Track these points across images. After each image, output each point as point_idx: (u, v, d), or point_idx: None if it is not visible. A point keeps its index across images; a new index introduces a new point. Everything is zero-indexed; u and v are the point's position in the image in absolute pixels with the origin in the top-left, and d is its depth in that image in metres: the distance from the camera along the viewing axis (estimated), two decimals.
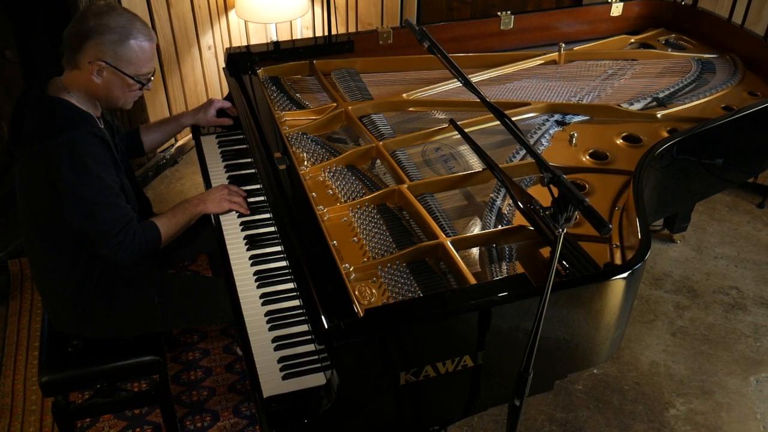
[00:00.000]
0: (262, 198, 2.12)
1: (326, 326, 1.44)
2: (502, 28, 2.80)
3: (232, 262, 1.93)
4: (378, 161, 2.10)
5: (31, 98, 1.79)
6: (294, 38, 3.95)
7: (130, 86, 1.83)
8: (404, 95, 2.41)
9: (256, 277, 1.87)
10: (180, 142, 3.80)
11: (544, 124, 2.30)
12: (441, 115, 2.35)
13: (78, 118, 1.77)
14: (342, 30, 3.94)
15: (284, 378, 1.58)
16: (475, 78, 2.58)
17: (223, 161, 2.36)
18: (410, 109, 2.39)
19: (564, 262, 1.60)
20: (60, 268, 1.89)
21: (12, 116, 1.83)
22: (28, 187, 1.84)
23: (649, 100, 2.45)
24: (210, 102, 2.39)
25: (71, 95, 1.81)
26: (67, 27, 1.79)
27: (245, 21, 3.77)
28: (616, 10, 2.92)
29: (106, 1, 1.81)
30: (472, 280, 1.57)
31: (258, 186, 2.20)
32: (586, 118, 2.37)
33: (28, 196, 1.85)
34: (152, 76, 1.88)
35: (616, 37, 2.93)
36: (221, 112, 2.42)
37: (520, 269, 1.68)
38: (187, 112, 2.41)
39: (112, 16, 1.75)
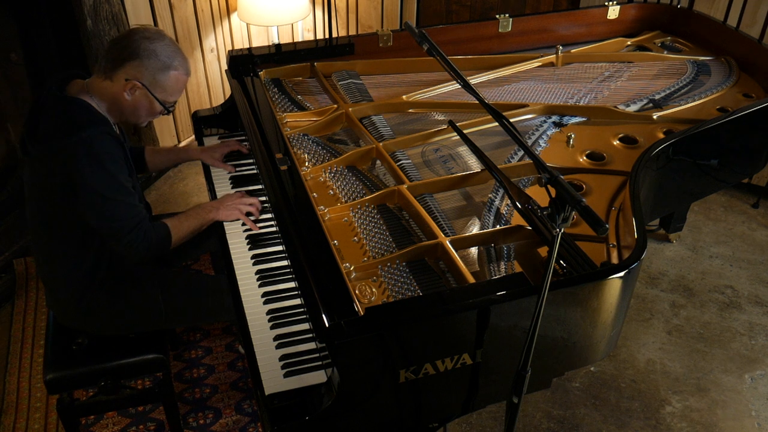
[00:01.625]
0: (264, 198, 2.15)
1: (327, 324, 1.46)
2: (500, 30, 2.83)
3: (234, 261, 1.96)
4: (378, 162, 2.13)
5: (50, 97, 1.83)
6: (295, 41, 3.98)
7: (155, 110, 1.91)
8: (404, 97, 2.43)
9: (257, 276, 1.90)
10: (183, 143, 3.83)
11: (541, 126, 2.33)
12: (440, 117, 2.38)
13: (96, 119, 1.82)
14: (342, 32, 3.96)
15: (286, 376, 1.60)
16: (473, 80, 2.61)
17: (225, 162, 2.38)
18: (410, 110, 2.42)
19: (561, 262, 1.62)
20: (67, 263, 1.92)
21: (29, 114, 1.86)
22: (40, 184, 1.87)
23: (645, 101, 2.48)
24: (220, 144, 2.44)
25: (92, 99, 1.86)
26: (113, 40, 1.88)
27: (247, 24, 3.80)
28: (613, 13, 2.95)
29: (155, 28, 1.88)
30: (471, 279, 1.60)
31: (260, 186, 2.23)
32: (584, 119, 2.40)
33: (39, 193, 1.88)
34: (175, 104, 1.96)
35: (612, 40, 2.96)
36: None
37: (518, 268, 1.70)
38: (197, 148, 2.45)
39: (161, 44, 1.84)
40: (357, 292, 1.63)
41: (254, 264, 1.94)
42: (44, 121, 1.80)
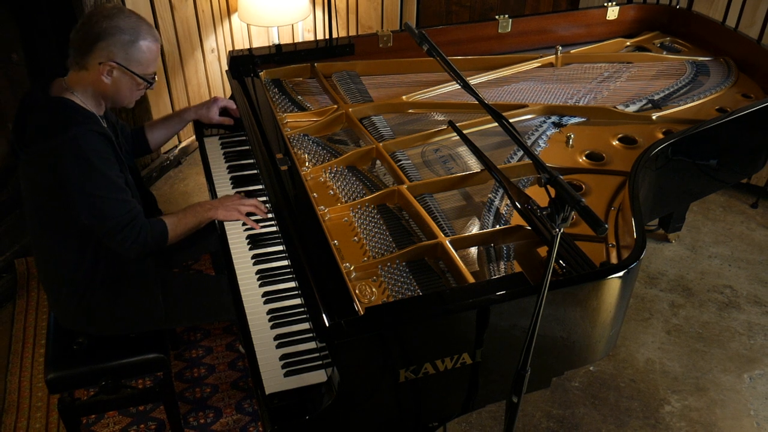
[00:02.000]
0: (264, 198, 2.15)
1: (327, 324, 1.46)
2: (500, 31, 2.84)
3: (234, 261, 1.96)
4: (378, 162, 2.13)
5: (34, 99, 1.82)
6: (295, 41, 3.98)
7: (138, 85, 1.88)
8: (404, 97, 2.44)
9: (258, 275, 1.90)
10: (183, 144, 3.84)
11: (541, 126, 2.34)
12: (440, 117, 2.39)
13: (80, 117, 1.81)
14: (343, 33, 3.97)
15: (286, 375, 1.61)
16: (473, 80, 2.61)
17: (225, 162, 2.39)
18: (410, 111, 2.42)
19: (561, 261, 1.63)
20: (66, 264, 1.92)
21: (16, 117, 1.86)
22: (33, 186, 1.87)
23: (644, 102, 2.49)
24: (214, 99, 2.43)
25: (75, 95, 1.84)
26: (74, 29, 1.83)
27: (248, 24, 3.80)
28: (612, 13, 2.95)
29: (112, 3, 1.84)
30: (471, 279, 1.60)
31: (260, 186, 2.23)
32: (583, 119, 2.40)
33: (33, 195, 1.88)
34: (156, 75, 1.93)
35: (612, 41, 2.97)
36: (224, 112, 2.46)
37: (517, 268, 1.71)
38: (190, 108, 2.43)
39: (122, 18, 1.80)
40: (357, 291, 1.63)
41: (254, 264, 1.94)
42: (30, 124, 1.80)
